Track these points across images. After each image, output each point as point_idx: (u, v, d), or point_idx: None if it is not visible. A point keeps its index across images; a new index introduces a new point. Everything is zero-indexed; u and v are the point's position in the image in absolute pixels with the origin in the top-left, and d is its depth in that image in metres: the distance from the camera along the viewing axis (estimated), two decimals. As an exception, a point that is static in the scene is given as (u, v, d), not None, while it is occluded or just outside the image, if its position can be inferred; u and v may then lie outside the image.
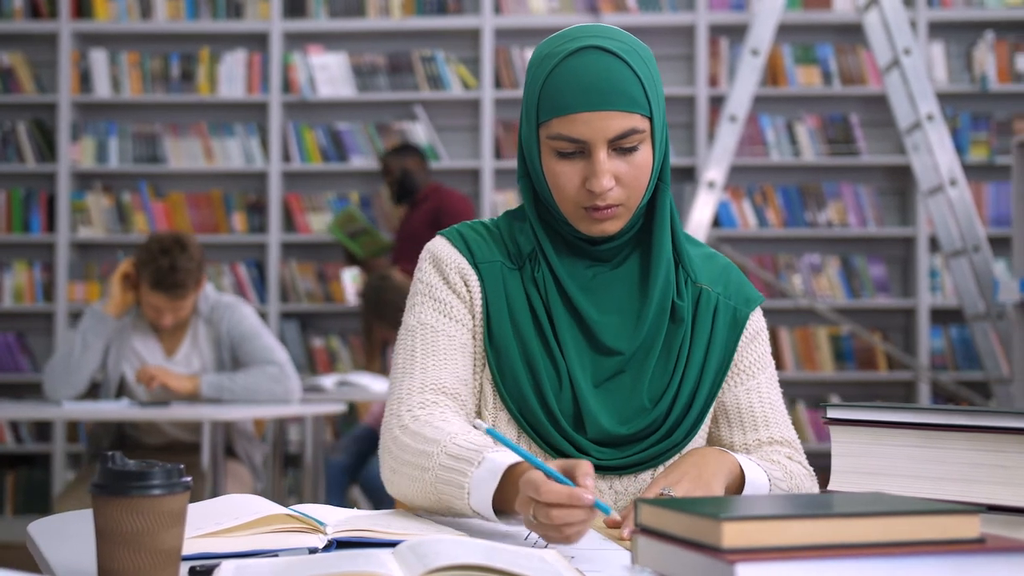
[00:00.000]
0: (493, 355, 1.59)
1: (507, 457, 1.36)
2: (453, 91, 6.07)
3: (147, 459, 2.24)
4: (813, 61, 5.95)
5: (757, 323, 1.68)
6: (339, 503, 3.72)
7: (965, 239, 4.79)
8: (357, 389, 4.50)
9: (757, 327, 1.68)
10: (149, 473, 1.05)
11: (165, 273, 3.59)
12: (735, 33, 6.00)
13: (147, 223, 6.12)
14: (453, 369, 1.58)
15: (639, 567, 1.09)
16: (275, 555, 1.22)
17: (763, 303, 1.70)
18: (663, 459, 1.60)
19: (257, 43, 6.19)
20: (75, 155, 6.13)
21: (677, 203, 2.22)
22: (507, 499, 1.34)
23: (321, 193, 6.14)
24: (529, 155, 1.60)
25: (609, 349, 1.58)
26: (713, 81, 5.99)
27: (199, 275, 3.66)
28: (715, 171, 4.83)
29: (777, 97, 5.99)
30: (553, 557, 1.14)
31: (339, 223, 5.84)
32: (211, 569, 1.12)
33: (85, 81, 6.16)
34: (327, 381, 4.54)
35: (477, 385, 1.61)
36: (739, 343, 1.65)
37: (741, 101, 4.84)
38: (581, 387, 1.57)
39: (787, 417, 1.69)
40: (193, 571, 1.12)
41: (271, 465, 4.13)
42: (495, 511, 1.36)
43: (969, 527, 0.99)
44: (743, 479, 1.52)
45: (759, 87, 5.59)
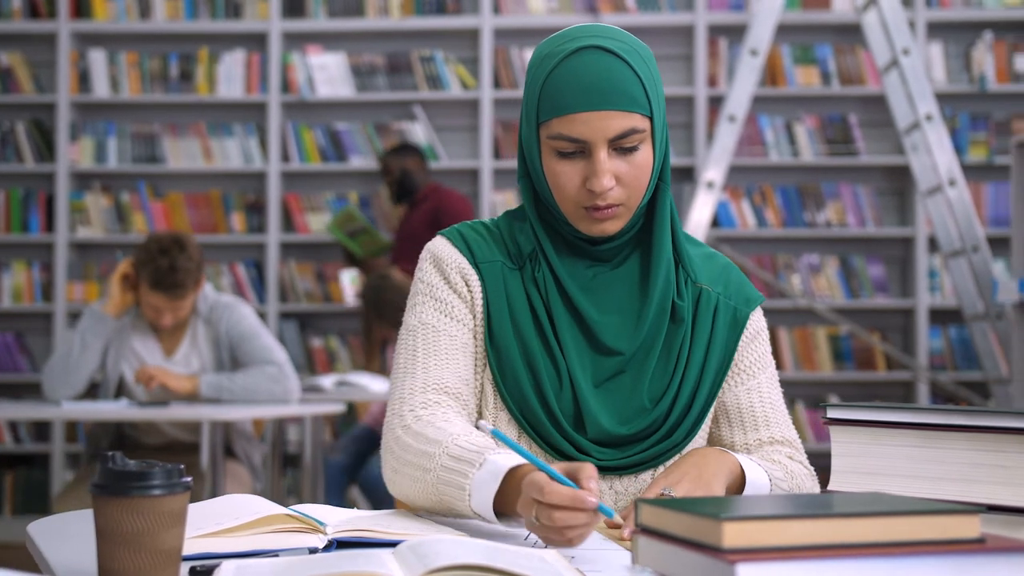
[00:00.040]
0: (494, 355, 1.59)
1: (509, 459, 1.36)
2: (452, 91, 6.07)
3: (146, 459, 2.24)
4: (812, 61, 5.95)
5: (757, 323, 1.68)
6: (338, 503, 3.71)
7: (964, 239, 4.79)
8: (356, 389, 4.50)
9: (757, 327, 1.68)
10: (149, 473, 1.05)
11: (164, 273, 3.59)
12: (734, 33, 6.00)
13: (146, 223, 6.11)
14: (455, 369, 1.58)
15: (639, 567, 1.09)
16: (275, 555, 1.22)
17: (763, 303, 1.70)
18: (663, 459, 1.60)
19: (256, 43, 6.19)
20: (74, 155, 6.13)
21: (676, 203, 2.22)
22: (508, 501, 1.34)
23: (320, 193, 6.14)
24: (529, 155, 1.60)
25: (609, 349, 1.58)
26: (712, 81, 5.99)
27: (198, 275, 3.66)
28: (714, 171, 4.83)
29: (776, 97, 5.99)
30: (553, 557, 1.14)
31: (338, 223, 5.83)
32: (211, 569, 1.12)
33: (84, 81, 6.15)
34: (326, 381, 4.54)
35: (478, 385, 1.61)
36: (739, 343, 1.65)
37: (740, 101, 4.84)
38: (581, 387, 1.57)
39: (788, 417, 1.69)
40: (193, 571, 1.12)
41: (270, 465, 4.13)
42: (496, 513, 1.36)
43: (969, 527, 0.99)
44: (744, 479, 1.52)
45: (758, 87, 5.59)
